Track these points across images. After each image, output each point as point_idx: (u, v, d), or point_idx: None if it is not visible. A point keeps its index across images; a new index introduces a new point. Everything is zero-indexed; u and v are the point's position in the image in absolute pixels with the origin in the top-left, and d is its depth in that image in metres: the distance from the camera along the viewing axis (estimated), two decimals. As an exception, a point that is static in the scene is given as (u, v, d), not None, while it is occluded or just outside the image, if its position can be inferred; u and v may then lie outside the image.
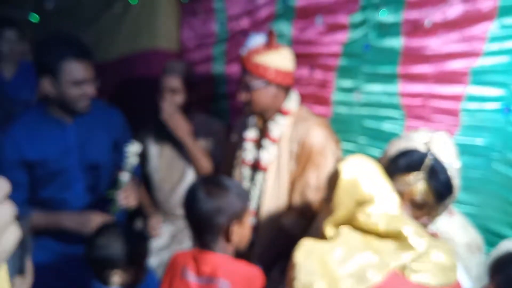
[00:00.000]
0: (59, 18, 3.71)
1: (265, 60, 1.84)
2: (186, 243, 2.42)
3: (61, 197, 2.01)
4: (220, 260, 1.42)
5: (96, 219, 1.88)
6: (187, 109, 2.42)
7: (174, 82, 2.37)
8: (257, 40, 1.89)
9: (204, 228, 1.44)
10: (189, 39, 3.03)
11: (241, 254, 1.57)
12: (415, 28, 1.84)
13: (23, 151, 1.91)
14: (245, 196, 1.52)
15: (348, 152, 2.08)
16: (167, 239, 2.50)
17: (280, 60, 1.87)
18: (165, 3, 3.09)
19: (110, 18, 3.37)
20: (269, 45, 1.86)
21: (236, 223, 1.45)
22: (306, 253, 1.24)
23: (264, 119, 2.00)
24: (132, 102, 3.21)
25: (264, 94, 1.89)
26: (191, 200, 1.46)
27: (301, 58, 2.08)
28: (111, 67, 3.37)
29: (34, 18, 3.64)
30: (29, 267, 0.85)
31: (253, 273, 1.44)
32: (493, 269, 1.24)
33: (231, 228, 1.43)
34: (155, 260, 2.40)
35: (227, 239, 1.44)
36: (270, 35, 1.86)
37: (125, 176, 1.97)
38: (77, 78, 1.85)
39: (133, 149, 1.96)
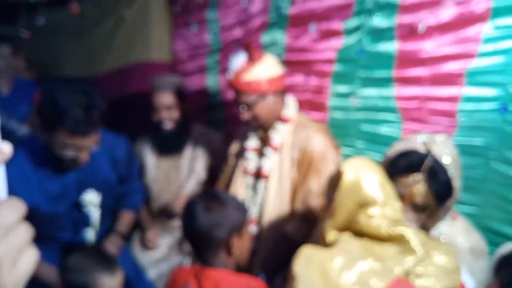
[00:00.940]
0: (50, 33, 3.71)
1: (253, 75, 1.84)
2: (185, 254, 2.41)
3: (59, 236, 1.90)
4: (221, 275, 1.41)
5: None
6: (184, 122, 2.42)
7: (167, 99, 2.35)
8: (238, 59, 1.89)
9: (204, 243, 1.44)
10: (182, 50, 3.04)
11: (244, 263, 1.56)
12: (409, 32, 1.85)
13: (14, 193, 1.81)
14: (243, 208, 1.51)
15: (347, 156, 2.07)
16: (165, 250, 2.48)
17: (267, 69, 1.87)
18: (157, 15, 3.11)
19: (102, 31, 3.38)
20: (252, 59, 1.86)
21: (236, 236, 1.44)
22: (306, 262, 1.22)
23: (265, 127, 2.00)
24: (128, 113, 3.22)
25: (265, 107, 1.89)
26: (189, 216, 1.46)
27: (296, 66, 2.09)
28: (106, 79, 3.38)
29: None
30: None
31: (255, 285, 1.43)
32: (497, 267, 1.23)
33: (231, 242, 1.43)
34: (154, 272, 2.38)
35: (228, 252, 1.44)
36: (250, 49, 1.85)
37: (90, 234, 1.85)
38: (68, 145, 1.69)
39: (89, 198, 1.84)
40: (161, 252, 2.46)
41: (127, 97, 3.29)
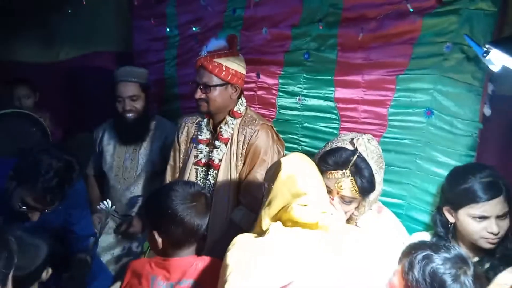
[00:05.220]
0: (7, 18, 3.64)
1: (225, 62, 2.02)
2: (135, 240, 2.53)
3: None
4: (186, 263, 1.56)
5: None
6: (146, 113, 2.51)
7: (132, 89, 2.43)
8: (218, 43, 2.06)
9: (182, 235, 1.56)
10: (141, 42, 3.11)
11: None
12: (349, 41, 2.02)
13: None
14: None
15: (290, 150, 2.24)
16: (116, 236, 2.56)
17: (238, 63, 2.07)
18: (117, 6, 3.17)
19: (60, 19, 3.37)
20: (230, 49, 2.05)
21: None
22: (238, 253, 1.34)
23: (215, 120, 2.14)
24: (85, 100, 3.27)
25: (221, 94, 2.04)
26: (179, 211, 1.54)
27: (249, 65, 2.21)
28: (63, 66, 3.41)
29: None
30: None
31: (215, 267, 1.55)
32: (402, 254, 1.40)
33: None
34: (107, 257, 2.49)
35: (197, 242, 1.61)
36: (233, 40, 2.05)
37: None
38: (26, 205, 1.72)
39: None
40: (113, 238, 2.55)
41: (85, 85, 3.34)
